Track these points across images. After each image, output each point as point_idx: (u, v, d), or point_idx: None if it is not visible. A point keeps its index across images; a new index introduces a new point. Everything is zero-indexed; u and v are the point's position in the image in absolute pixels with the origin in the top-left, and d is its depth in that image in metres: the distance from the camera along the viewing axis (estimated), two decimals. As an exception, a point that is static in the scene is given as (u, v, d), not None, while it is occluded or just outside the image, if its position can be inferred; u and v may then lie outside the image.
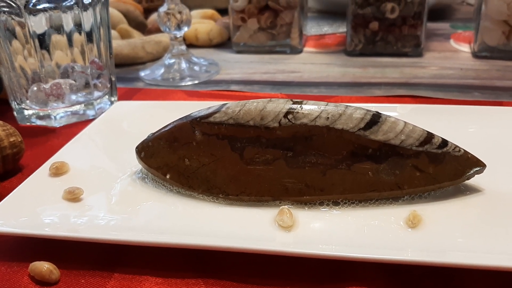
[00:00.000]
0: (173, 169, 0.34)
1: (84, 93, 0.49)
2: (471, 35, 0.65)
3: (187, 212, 0.32)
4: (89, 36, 0.48)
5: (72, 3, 0.45)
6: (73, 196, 0.33)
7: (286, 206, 0.31)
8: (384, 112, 0.33)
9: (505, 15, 0.57)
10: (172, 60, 0.62)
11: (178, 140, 0.34)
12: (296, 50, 0.68)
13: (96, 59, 0.49)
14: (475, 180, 0.32)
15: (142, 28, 0.76)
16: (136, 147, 0.35)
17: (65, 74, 0.48)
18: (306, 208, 0.31)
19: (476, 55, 0.62)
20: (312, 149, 0.31)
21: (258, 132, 0.32)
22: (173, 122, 0.35)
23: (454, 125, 0.39)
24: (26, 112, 0.49)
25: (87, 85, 0.49)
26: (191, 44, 0.73)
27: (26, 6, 0.43)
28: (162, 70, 0.61)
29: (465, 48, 0.66)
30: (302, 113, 0.32)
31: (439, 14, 0.82)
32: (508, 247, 0.27)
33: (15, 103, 0.49)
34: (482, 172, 0.31)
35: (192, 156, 0.33)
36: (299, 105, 0.32)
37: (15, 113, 0.49)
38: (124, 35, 0.71)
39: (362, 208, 0.31)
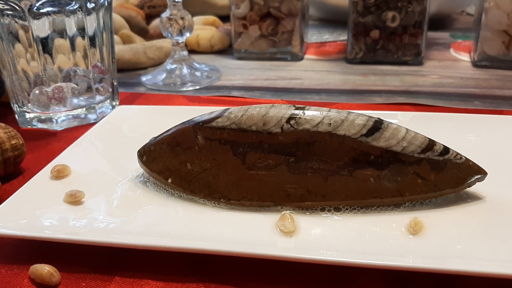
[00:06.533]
0: (175, 173, 0.34)
1: (86, 97, 0.49)
2: (471, 44, 0.66)
3: (189, 217, 0.32)
4: (92, 40, 0.48)
5: (75, 7, 0.45)
6: (74, 199, 0.33)
7: (287, 212, 0.31)
8: (385, 119, 0.33)
9: (505, 25, 0.58)
10: (174, 66, 0.62)
11: (180, 145, 0.34)
12: (297, 57, 0.68)
13: (99, 64, 0.49)
14: (476, 188, 0.32)
15: (144, 34, 0.76)
16: (138, 151, 0.35)
17: (67, 78, 0.48)
18: (308, 213, 0.31)
19: (476, 64, 0.63)
20: (314, 155, 0.32)
21: (260, 138, 0.32)
22: (175, 126, 0.35)
23: (454, 133, 0.39)
24: (27, 115, 0.49)
25: (89, 89, 0.49)
26: (192, 50, 0.73)
27: (30, 9, 0.43)
28: (164, 75, 0.61)
29: (465, 57, 0.67)
30: (305, 118, 0.32)
31: (439, 23, 0.83)
32: (510, 254, 0.27)
33: (17, 106, 0.49)
34: (483, 179, 0.31)
35: (194, 160, 0.33)
36: (301, 111, 0.32)
37: (16, 116, 0.49)
38: (126, 40, 0.72)
39: (363, 215, 0.31)
